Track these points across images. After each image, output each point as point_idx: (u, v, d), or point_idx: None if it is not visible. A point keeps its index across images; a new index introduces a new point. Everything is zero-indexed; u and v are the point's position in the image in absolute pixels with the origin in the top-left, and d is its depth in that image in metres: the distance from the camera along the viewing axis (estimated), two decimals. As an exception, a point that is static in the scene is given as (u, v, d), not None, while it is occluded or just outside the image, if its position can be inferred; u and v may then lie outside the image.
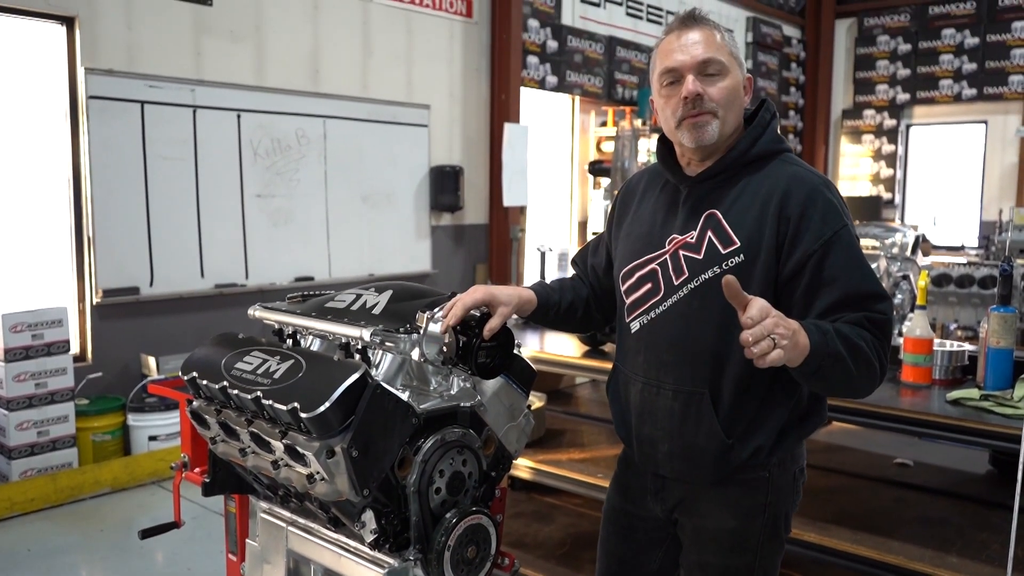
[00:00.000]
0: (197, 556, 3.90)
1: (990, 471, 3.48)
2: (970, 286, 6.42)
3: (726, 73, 1.74)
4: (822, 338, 1.57)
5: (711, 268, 1.72)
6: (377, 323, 1.82)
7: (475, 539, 1.81)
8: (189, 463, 2.42)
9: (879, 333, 1.65)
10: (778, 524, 1.84)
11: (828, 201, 1.71)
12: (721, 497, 1.82)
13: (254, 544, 2.13)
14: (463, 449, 1.83)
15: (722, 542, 1.83)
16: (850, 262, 1.68)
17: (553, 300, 1.99)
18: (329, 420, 1.62)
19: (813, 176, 1.75)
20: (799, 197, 1.70)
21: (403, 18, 6.96)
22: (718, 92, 1.73)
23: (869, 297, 1.66)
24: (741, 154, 1.76)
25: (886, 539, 2.72)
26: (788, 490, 1.85)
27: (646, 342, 1.84)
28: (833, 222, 1.69)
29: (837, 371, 1.59)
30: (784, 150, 1.81)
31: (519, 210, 7.97)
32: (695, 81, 1.71)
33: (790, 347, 1.49)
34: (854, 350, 1.59)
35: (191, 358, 1.98)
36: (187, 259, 5.58)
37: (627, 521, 2.00)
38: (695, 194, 1.80)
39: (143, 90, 5.28)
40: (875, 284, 1.67)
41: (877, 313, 1.66)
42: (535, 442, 3.67)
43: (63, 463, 4.66)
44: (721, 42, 1.75)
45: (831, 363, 1.58)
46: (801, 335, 1.53)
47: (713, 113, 1.72)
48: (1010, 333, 2.62)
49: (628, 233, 1.92)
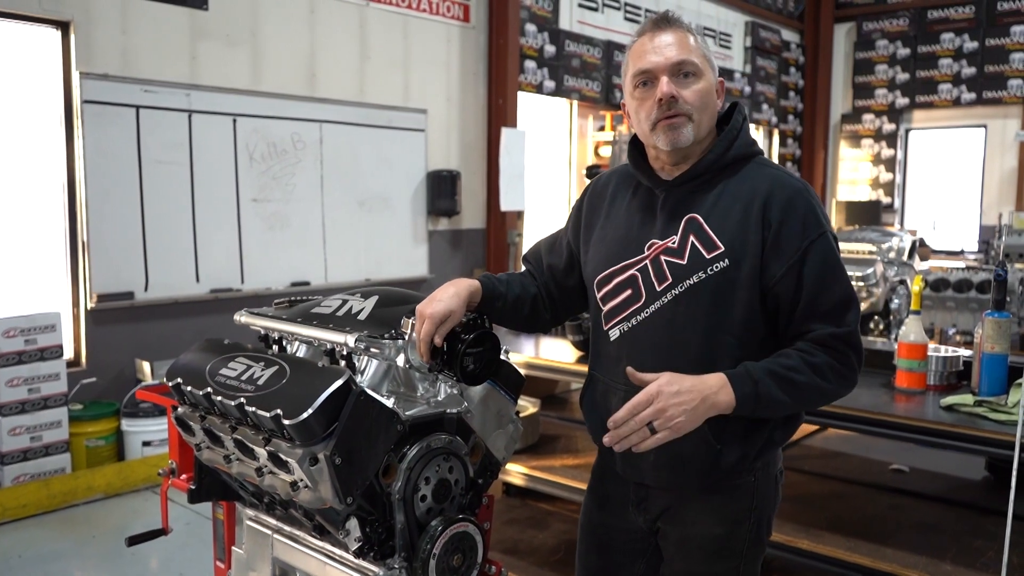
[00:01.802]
0: (190, 562, 3.88)
1: (986, 477, 3.46)
2: (968, 291, 6.40)
3: (700, 75, 1.72)
4: (752, 388, 1.63)
5: (696, 273, 1.71)
6: (362, 329, 1.80)
7: (461, 547, 1.78)
8: (177, 469, 2.40)
9: (842, 348, 1.69)
10: (762, 528, 1.85)
11: (809, 206, 1.71)
12: (707, 504, 1.81)
13: (240, 551, 2.11)
14: (449, 456, 1.81)
15: (708, 549, 1.81)
16: (824, 270, 1.69)
17: (499, 292, 1.91)
18: (312, 427, 1.60)
19: (793, 180, 1.76)
20: (780, 202, 1.70)
21: (400, 22, 6.95)
22: (692, 94, 1.71)
23: (839, 306, 1.70)
24: (718, 157, 1.75)
25: (880, 546, 2.71)
26: (771, 494, 1.85)
27: (627, 350, 1.79)
28: (813, 229, 1.70)
29: (777, 409, 1.69)
30: (758, 152, 1.82)
31: (516, 215, 7.95)
32: (669, 83, 1.70)
33: (693, 417, 1.59)
34: (794, 389, 1.66)
35: (176, 364, 1.96)
36: (182, 264, 5.57)
37: (605, 533, 1.96)
38: (673, 198, 1.78)
39: (138, 94, 5.27)
40: (845, 293, 1.71)
41: (843, 327, 1.69)
42: (529, 448, 3.65)
43: (56, 468, 4.64)
44: (694, 44, 1.74)
45: (766, 406, 1.66)
46: (722, 393, 1.61)
47: (688, 115, 1.71)
48: (1004, 338, 2.60)
49: (601, 238, 1.88)
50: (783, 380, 1.65)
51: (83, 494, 4.63)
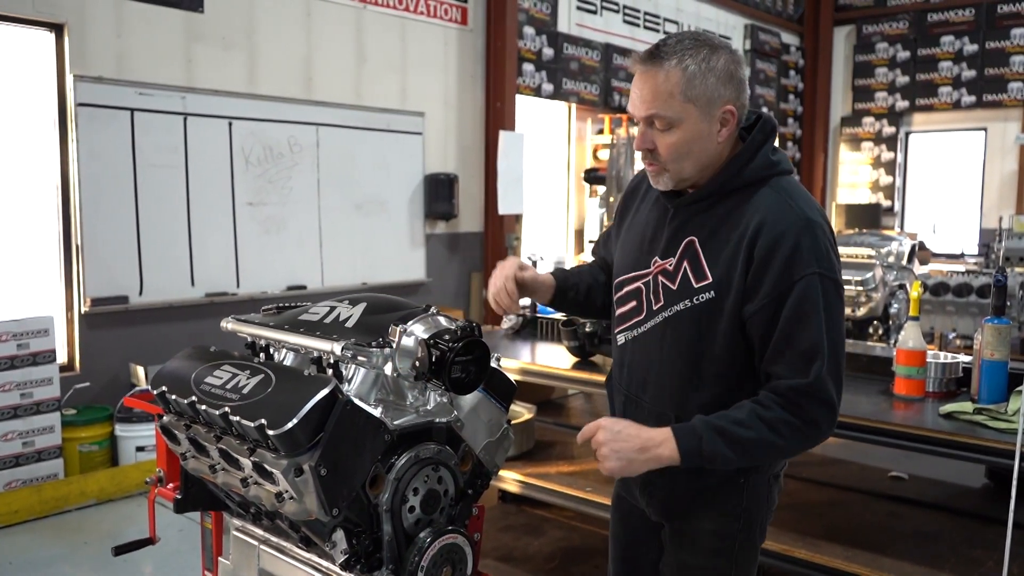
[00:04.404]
0: (182, 570, 3.85)
1: (986, 485, 3.43)
2: (968, 295, 6.37)
3: (676, 126, 1.67)
4: (696, 444, 1.64)
5: (683, 301, 1.74)
6: (350, 336, 1.77)
7: (450, 559, 1.75)
8: (164, 478, 2.37)
9: (803, 402, 1.63)
10: (753, 530, 1.86)
11: (798, 245, 1.64)
12: (699, 501, 1.85)
13: (226, 562, 2.08)
14: (438, 466, 1.77)
15: (700, 543, 1.86)
16: (799, 315, 1.63)
17: (571, 283, 2.04)
18: (297, 437, 1.57)
19: (792, 214, 1.68)
20: (768, 237, 1.65)
21: (397, 25, 6.93)
22: (664, 148, 1.70)
23: (804, 355, 1.63)
24: (727, 180, 1.73)
25: (878, 555, 2.67)
26: (763, 496, 1.86)
27: (629, 357, 1.89)
28: (798, 270, 1.64)
29: (727, 463, 1.68)
30: (775, 175, 1.74)
31: (514, 218, 7.93)
32: (643, 135, 1.71)
33: (628, 465, 1.67)
34: (739, 446, 1.64)
35: (161, 371, 1.93)
36: (177, 267, 5.54)
37: (627, 507, 2.04)
38: (680, 216, 1.79)
39: (133, 97, 5.24)
40: (814, 341, 1.62)
41: (807, 378, 1.62)
42: (525, 454, 3.62)
43: (49, 474, 4.61)
44: (676, 87, 1.64)
45: (712, 461, 1.66)
46: (664, 448, 1.65)
47: (661, 166, 1.72)
48: (1004, 345, 2.57)
49: (625, 240, 1.94)
50: (729, 437, 1.64)
51: (76, 500, 4.59)
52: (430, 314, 1.79)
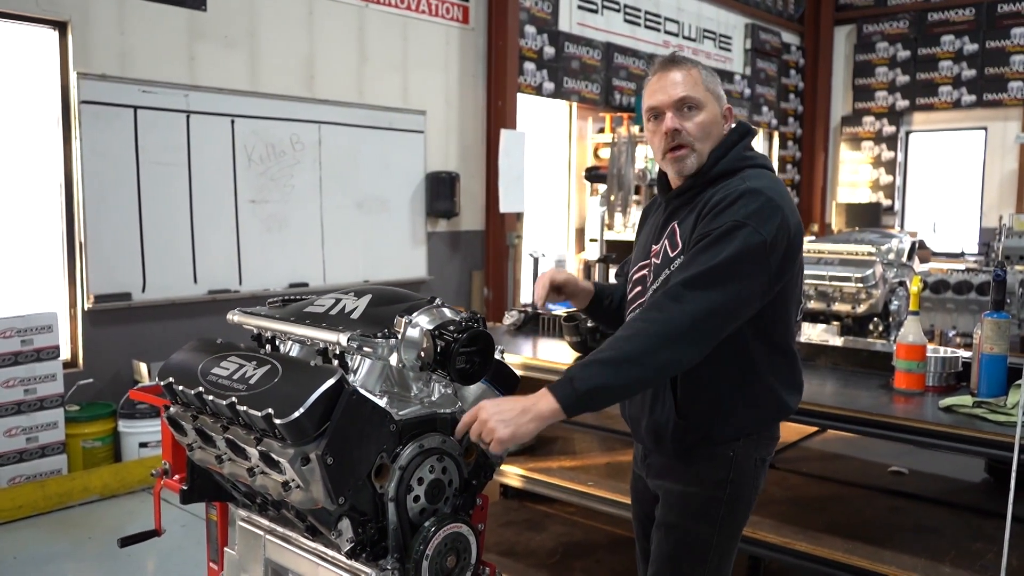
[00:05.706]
0: (186, 564, 3.86)
1: (986, 479, 3.44)
2: (968, 292, 6.38)
3: (702, 108, 1.95)
4: (570, 388, 1.72)
5: (664, 271, 1.95)
6: (355, 328, 1.79)
7: (455, 548, 1.77)
8: (170, 470, 2.39)
9: (660, 299, 1.79)
10: (738, 505, 1.98)
11: (733, 202, 1.83)
12: (688, 467, 2.00)
13: (232, 553, 2.09)
14: (443, 456, 1.79)
15: (686, 505, 2.00)
16: (708, 246, 1.79)
17: (608, 291, 2.27)
18: (303, 426, 1.59)
19: (744, 185, 1.87)
20: (719, 198, 1.87)
21: (399, 24, 6.94)
22: (694, 126, 1.94)
23: (692, 277, 1.77)
24: (703, 173, 1.97)
25: (879, 549, 2.69)
26: (750, 473, 1.99)
27: None
28: (726, 217, 1.81)
29: (614, 393, 1.78)
30: (751, 166, 1.96)
31: (515, 216, 7.94)
32: (673, 118, 1.94)
33: (514, 426, 1.68)
34: (608, 367, 1.73)
35: (168, 363, 1.95)
36: (180, 265, 5.55)
37: (641, 486, 2.21)
38: (670, 208, 2.05)
39: (136, 95, 5.26)
40: (708, 266, 1.76)
41: (674, 286, 1.79)
42: (527, 449, 3.63)
43: (52, 470, 4.62)
44: (698, 80, 1.96)
45: (598, 396, 1.74)
46: (542, 403, 1.71)
47: (690, 146, 1.95)
48: (1003, 339, 2.59)
49: (636, 246, 2.20)
50: (598, 364, 1.73)
51: (79, 495, 4.61)
52: (435, 305, 1.82)
